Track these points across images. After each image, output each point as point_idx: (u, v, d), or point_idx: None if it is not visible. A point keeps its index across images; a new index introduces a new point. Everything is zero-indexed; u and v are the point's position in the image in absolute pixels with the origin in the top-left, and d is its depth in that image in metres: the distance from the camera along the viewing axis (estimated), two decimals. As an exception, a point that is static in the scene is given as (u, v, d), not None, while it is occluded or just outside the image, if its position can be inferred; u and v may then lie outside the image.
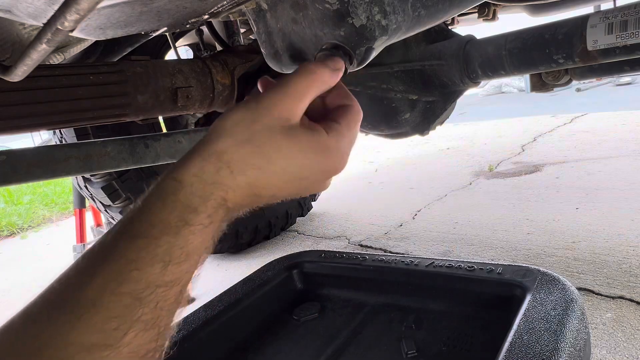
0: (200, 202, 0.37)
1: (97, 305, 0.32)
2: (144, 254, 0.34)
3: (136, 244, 0.35)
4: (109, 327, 0.32)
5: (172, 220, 0.36)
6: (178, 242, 0.35)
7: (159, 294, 0.34)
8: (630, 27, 0.78)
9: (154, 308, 0.34)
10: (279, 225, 2.15)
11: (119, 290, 0.33)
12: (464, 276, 0.86)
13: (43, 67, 0.83)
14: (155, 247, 0.35)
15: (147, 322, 0.33)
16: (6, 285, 2.40)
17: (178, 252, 0.35)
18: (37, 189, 4.99)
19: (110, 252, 0.35)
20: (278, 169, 0.39)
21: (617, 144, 2.79)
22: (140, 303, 0.33)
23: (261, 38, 0.59)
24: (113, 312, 0.32)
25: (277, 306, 1.02)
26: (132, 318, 0.33)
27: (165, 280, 0.35)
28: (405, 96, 1.08)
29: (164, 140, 1.11)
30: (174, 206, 0.36)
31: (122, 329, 0.32)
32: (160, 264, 0.34)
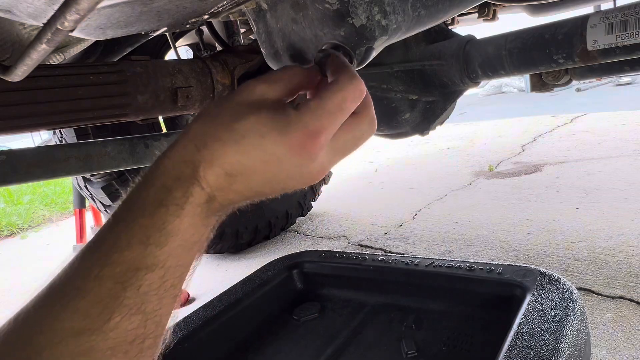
0: (172, 182, 0.37)
1: (81, 290, 0.33)
2: (123, 237, 0.35)
3: (116, 229, 0.35)
4: (94, 312, 0.32)
5: (147, 202, 0.36)
6: (155, 222, 0.35)
7: (140, 277, 0.34)
8: (630, 27, 0.78)
9: (137, 292, 0.34)
10: (279, 225, 2.15)
11: (101, 274, 0.33)
12: (464, 276, 0.86)
13: (43, 67, 0.83)
14: (132, 230, 0.35)
15: (131, 307, 0.34)
16: (6, 285, 2.40)
17: (156, 234, 0.35)
18: (37, 189, 4.99)
19: (94, 240, 0.36)
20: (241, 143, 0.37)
21: (617, 144, 2.79)
22: (122, 287, 0.33)
23: (261, 38, 0.59)
24: (97, 296, 0.33)
25: (277, 306, 1.02)
26: (116, 302, 0.33)
27: (146, 263, 0.34)
28: (405, 96, 1.08)
29: (164, 140, 1.11)
30: (148, 187, 0.36)
31: (106, 313, 0.33)
32: (138, 246, 0.34)
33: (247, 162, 0.37)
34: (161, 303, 0.36)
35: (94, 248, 0.35)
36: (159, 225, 0.35)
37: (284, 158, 0.37)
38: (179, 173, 0.37)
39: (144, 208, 0.36)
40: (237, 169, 0.38)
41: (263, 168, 0.38)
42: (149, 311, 0.35)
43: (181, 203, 0.36)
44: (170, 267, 0.36)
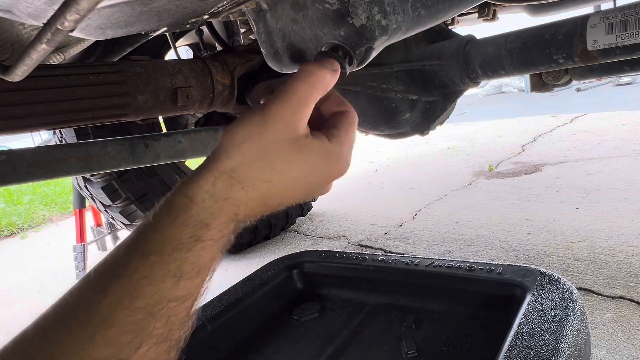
0: (211, 218, 0.38)
1: (110, 321, 0.33)
2: (157, 270, 0.35)
3: (149, 261, 0.35)
4: (122, 341, 0.33)
5: (184, 237, 0.36)
6: (190, 257, 0.36)
7: (170, 308, 0.35)
8: (630, 27, 0.78)
9: (166, 322, 0.35)
10: (279, 225, 2.15)
11: (132, 305, 0.34)
12: (464, 276, 0.86)
13: (43, 67, 0.83)
14: (167, 263, 0.35)
15: (159, 336, 0.34)
16: (6, 285, 2.40)
17: (190, 268, 0.36)
18: (37, 189, 4.99)
19: (123, 268, 0.35)
20: (287, 179, 0.41)
21: (617, 144, 2.79)
22: (152, 318, 0.34)
23: (261, 38, 0.59)
24: (126, 327, 0.33)
25: (277, 306, 1.02)
26: (145, 332, 0.33)
27: (177, 295, 0.35)
28: (405, 96, 1.08)
29: (164, 140, 1.11)
30: (186, 223, 0.37)
31: (135, 343, 0.33)
32: (172, 279, 0.35)
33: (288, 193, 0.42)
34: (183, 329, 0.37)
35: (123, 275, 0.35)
36: (193, 259, 0.36)
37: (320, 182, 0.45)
38: (219, 210, 0.38)
39: (180, 242, 0.36)
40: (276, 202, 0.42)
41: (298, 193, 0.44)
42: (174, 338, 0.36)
43: (217, 238, 0.38)
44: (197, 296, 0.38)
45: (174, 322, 0.35)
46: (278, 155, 0.40)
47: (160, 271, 0.35)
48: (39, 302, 2.03)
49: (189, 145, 1.14)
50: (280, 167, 0.40)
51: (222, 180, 0.39)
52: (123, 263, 0.36)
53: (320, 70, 0.43)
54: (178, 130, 1.18)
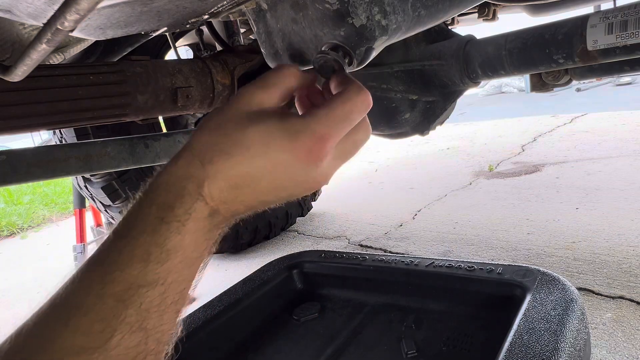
0: (175, 198, 0.36)
1: (82, 309, 0.33)
2: (124, 254, 0.34)
3: (117, 246, 0.35)
4: (95, 330, 0.32)
5: (149, 219, 0.36)
6: (155, 239, 0.35)
7: (141, 294, 0.34)
8: (630, 27, 0.78)
9: (139, 309, 0.34)
10: (279, 225, 2.15)
11: (103, 292, 0.33)
12: (464, 276, 0.86)
13: (43, 67, 0.83)
14: (133, 247, 0.35)
15: (132, 324, 0.33)
16: (6, 285, 2.40)
17: (157, 251, 0.35)
18: (37, 189, 4.99)
19: (97, 257, 0.35)
20: (247, 154, 0.37)
21: (617, 144, 2.79)
22: (123, 304, 0.33)
23: (261, 38, 0.59)
24: (98, 314, 0.33)
25: (277, 306, 1.02)
26: (117, 320, 0.33)
27: (147, 280, 0.34)
28: (405, 96, 1.08)
29: (164, 140, 1.11)
30: (150, 204, 0.36)
31: (108, 331, 0.32)
32: (140, 263, 0.34)
33: (254, 172, 0.38)
34: (162, 319, 0.35)
35: (95, 264, 0.35)
36: (159, 242, 0.35)
37: (290, 164, 0.38)
38: (182, 189, 0.37)
39: (145, 225, 0.35)
40: (244, 180, 0.38)
41: (270, 176, 0.38)
42: (150, 328, 0.35)
43: (183, 220, 0.36)
44: (172, 284, 0.36)
45: (147, 310, 0.34)
46: (234, 126, 0.38)
47: (127, 255, 0.34)
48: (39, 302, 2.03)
49: (189, 145, 1.14)
50: (236, 138, 0.37)
51: (182, 158, 0.38)
52: (97, 252, 0.36)
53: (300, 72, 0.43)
54: (178, 130, 1.18)
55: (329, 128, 0.38)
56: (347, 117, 0.39)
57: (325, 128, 0.38)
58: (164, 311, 0.35)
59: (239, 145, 0.37)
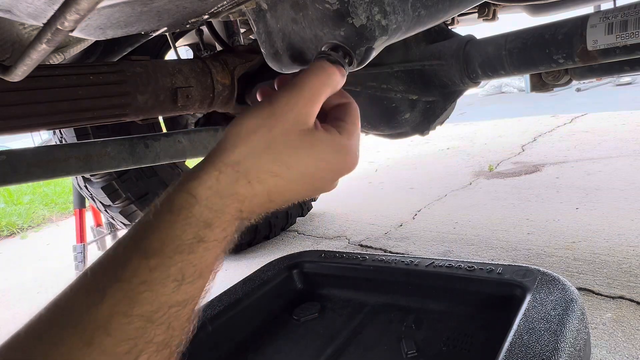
0: (215, 217, 0.35)
1: (108, 328, 0.31)
2: (157, 274, 0.33)
3: (148, 264, 0.33)
4: (120, 351, 0.31)
5: (186, 238, 0.34)
6: (192, 260, 0.34)
7: (171, 314, 0.33)
8: (630, 27, 0.78)
9: (167, 329, 0.33)
10: (279, 225, 2.15)
11: (131, 312, 0.31)
12: (464, 276, 0.86)
13: (43, 67, 0.83)
14: (168, 267, 0.33)
15: (160, 344, 0.32)
16: (6, 285, 2.40)
17: (191, 270, 0.34)
18: (37, 189, 4.99)
19: (121, 270, 0.33)
20: (296, 174, 0.39)
21: (617, 144, 2.79)
22: (152, 325, 0.32)
23: (261, 38, 0.59)
24: (125, 335, 0.31)
25: (277, 306, 1.02)
26: (144, 340, 0.31)
27: (178, 300, 0.33)
28: (405, 96, 1.08)
29: (164, 140, 1.11)
30: (188, 222, 0.34)
31: (134, 352, 0.31)
32: (173, 284, 0.33)
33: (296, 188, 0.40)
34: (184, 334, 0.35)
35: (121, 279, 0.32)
36: (195, 262, 0.34)
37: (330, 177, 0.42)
38: (224, 207, 0.36)
39: (181, 244, 0.34)
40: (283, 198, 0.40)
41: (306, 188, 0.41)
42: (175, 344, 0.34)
43: (220, 239, 0.36)
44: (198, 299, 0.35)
45: (175, 328, 0.33)
46: (287, 148, 0.38)
47: (160, 275, 0.33)
48: (39, 302, 2.03)
49: (189, 145, 1.14)
50: (288, 161, 0.38)
51: (226, 174, 0.36)
52: (122, 264, 0.33)
53: (331, 68, 0.43)
54: (178, 130, 1.18)
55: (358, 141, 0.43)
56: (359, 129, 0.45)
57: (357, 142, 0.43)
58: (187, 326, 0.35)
59: (291, 169, 0.38)
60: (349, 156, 0.42)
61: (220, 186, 0.36)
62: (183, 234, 0.34)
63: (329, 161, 0.40)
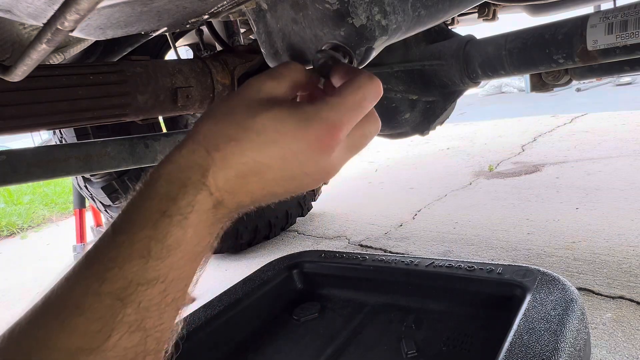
0: (177, 189, 0.34)
1: (79, 308, 0.31)
2: (123, 250, 0.33)
3: (116, 241, 0.33)
4: (92, 330, 0.31)
5: (150, 213, 0.34)
6: (156, 235, 0.33)
7: (140, 292, 0.32)
8: (630, 27, 0.78)
9: (137, 308, 0.32)
10: (279, 225, 2.15)
11: (100, 290, 0.31)
12: (464, 276, 0.86)
13: (43, 67, 0.83)
14: (133, 243, 0.33)
15: (131, 324, 0.32)
16: (6, 285, 2.40)
17: (158, 247, 0.33)
18: (37, 189, 4.99)
19: (95, 252, 0.34)
20: (257, 140, 0.35)
21: (617, 144, 2.79)
22: (122, 303, 0.32)
23: (261, 38, 0.59)
24: (95, 313, 0.31)
25: (277, 306, 1.02)
26: (115, 319, 0.31)
27: (147, 277, 0.33)
28: (405, 96, 1.08)
29: (164, 140, 1.11)
30: (150, 197, 0.34)
31: (105, 331, 0.31)
32: (139, 260, 0.32)
33: (263, 159, 0.36)
34: (162, 318, 0.34)
35: (92, 260, 0.33)
36: (160, 238, 0.33)
37: (301, 152, 0.36)
38: (185, 179, 0.35)
39: (145, 219, 0.33)
40: (252, 168, 0.36)
41: (279, 165, 0.37)
42: (149, 327, 0.33)
43: (186, 213, 0.34)
44: (173, 281, 0.34)
45: (147, 309, 0.32)
46: (243, 113, 0.36)
47: (126, 251, 0.32)
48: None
49: (189, 145, 1.14)
50: (245, 123, 0.35)
51: (186, 146, 0.36)
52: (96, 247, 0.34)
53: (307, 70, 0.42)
54: (178, 130, 1.18)
55: (341, 116, 0.37)
56: (359, 105, 0.38)
57: (337, 115, 0.37)
58: (164, 310, 0.34)
59: (248, 131, 0.35)
60: (316, 128, 0.36)
61: (180, 158, 0.35)
62: (147, 210, 0.34)
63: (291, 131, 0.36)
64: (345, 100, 0.37)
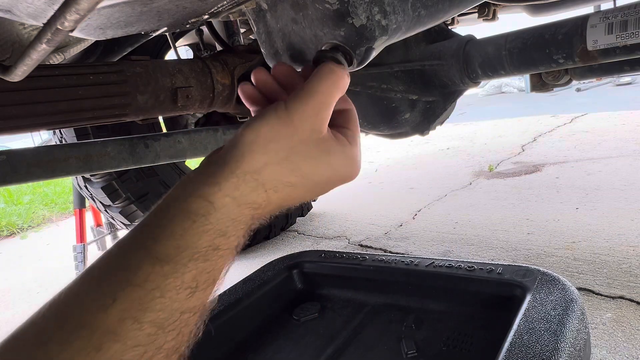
0: (231, 225, 0.35)
1: (117, 334, 0.30)
2: (171, 281, 0.32)
3: (162, 270, 0.32)
4: (129, 357, 0.30)
5: (202, 246, 0.33)
6: (206, 268, 0.33)
7: (183, 320, 0.33)
8: (630, 27, 0.78)
9: (177, 335, 0.32)
10: (279, 225, 2.15)
11: (142, 318, 0.31)
12: (464, 276, 0.86)
13: (43, 67, 0.83)
14: (182, 274, 0.32)
15: (170, 350, 0.32)
16: (6, 285, 2.40)
17: (205, 277, 0.34)
18: (37, 189, 4.99)
19: (133, 274, 0.32)
20: (311, 183, 0.40)
21: (617, 144, 2.79)
22: (163, 332, 0.31)
23: (261, 38, 0.59)
24: (134, 341, 0.30)
25: (277, 306, 1.02)
26: (155, 347, 0.31)
27: (190, 306, 0.33)
28: (405, 96, 1.08)
29: (164, 140, 1.11)
30: (204, 230, 0.34)
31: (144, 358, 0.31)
32: (187, 291, 0.33)
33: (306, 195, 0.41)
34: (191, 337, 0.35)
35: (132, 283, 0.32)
36: (209, 269, 0.34)
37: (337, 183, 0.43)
38: (239, 215, 0.35)
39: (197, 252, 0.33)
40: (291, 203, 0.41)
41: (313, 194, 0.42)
42: (183, 349, 0.34)
43: (232, 246, 0.36)
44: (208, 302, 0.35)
45: (184, 334, 0.33)
46: (305, 158, 0.38)
47: (174, 282, 0.32)
48: (39, 302, 2.03)
49: (189, 145, 1.14)
50: (306, 171, 0.39)
51: (246, 182, 0.36)
52: (134, 268, 0.32)
53: (340, 70, 0.42)
54: (178, 130, 1.18)
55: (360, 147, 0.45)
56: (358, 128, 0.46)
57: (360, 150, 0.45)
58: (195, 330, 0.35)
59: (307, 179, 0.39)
60: (355, 164, 0.43)
61: (239, 195, 0.36)
62: (199, 242, 0.33)
63: (339, 170, 0.41)
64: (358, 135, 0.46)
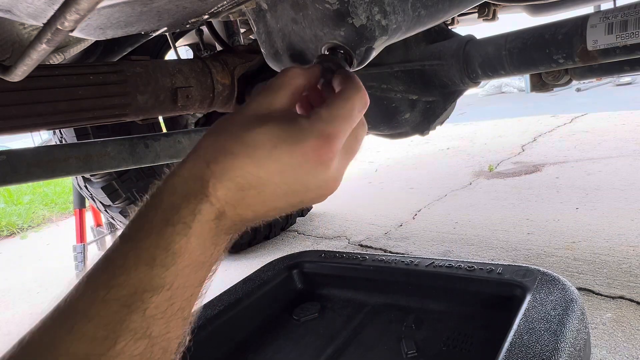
0: (180, 200, 0.36)
1: (87, 314, 0.32)
2: (130, 258, 0.34)
3: (123, 250, 0.35)
4: (99, 336, 0.31)
5: (155, 221, 0.35)
6: (161, 243, 0.34)
7: (146, 299, 0.33)
8: (630, 27, 0.78)
9: (143, 315, 0.33)
10: (279, 225, 2.15)
11: (107, 297, 0.32)
12: (464, 276, 0.86)
13: (43, 67, 0.83)
14: (139, 251, 0.34)
15: (136, 331, 0.32)
16: (6, 285, 2.40)
17: (162, 254, 0.34)
18: (37, 189, 4.99)
19: (103, 261, 0.35)
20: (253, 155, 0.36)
21: (617, 144, 2.79)
22: (128, 310, 0.32)
23: (261, 38, 0.59)
24: (102, 320, 0.32)
25: (277, 306, 1.02)
26: (121, 326, 0.32)
27: (152, 284, 0.33)
28: (405, 96, 1.08)
29: (164, 140, 1.11)
30: (156, 207, 0.36)
31: (112, 337, 0.32)
32: (144, 267, 0.33)
33: (261, 173, 0.37)
34: (169, 327, 0.35)
35: (101, 269, 0.35)
36: (165, 246, 0.34)
37: (299, 166, 0.37)
38: (188, 190, 0.36)
39: (150, 228, 0.35)
40: (250, 182, 0.37)
41: (278, 179, 0.37)
42: (155, 335, 0.34)
43: (188, 221, 0.35)
44: (178, 289, 0.35)
45: (153, 317, 0.33)
46: (242, 128, 0.38)
47: (132, 258, 0.34)
48: (39, 302, 2.03)
49: (189, 145, 1.14)
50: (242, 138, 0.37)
51: (188, 160, 0.38)
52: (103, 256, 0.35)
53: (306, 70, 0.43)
54: (178, 130, 1.18)
55: (334, 127, 0.38)
56: (350, 115, 0.39)
57: (330, 127, 0.37)
58: (170, 318, 0.35)
59: (245, 146, 0.37)
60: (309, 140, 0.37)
61: (183, 170, 0.37)
62: (152, 219, 0.35)
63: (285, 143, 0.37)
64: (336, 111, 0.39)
